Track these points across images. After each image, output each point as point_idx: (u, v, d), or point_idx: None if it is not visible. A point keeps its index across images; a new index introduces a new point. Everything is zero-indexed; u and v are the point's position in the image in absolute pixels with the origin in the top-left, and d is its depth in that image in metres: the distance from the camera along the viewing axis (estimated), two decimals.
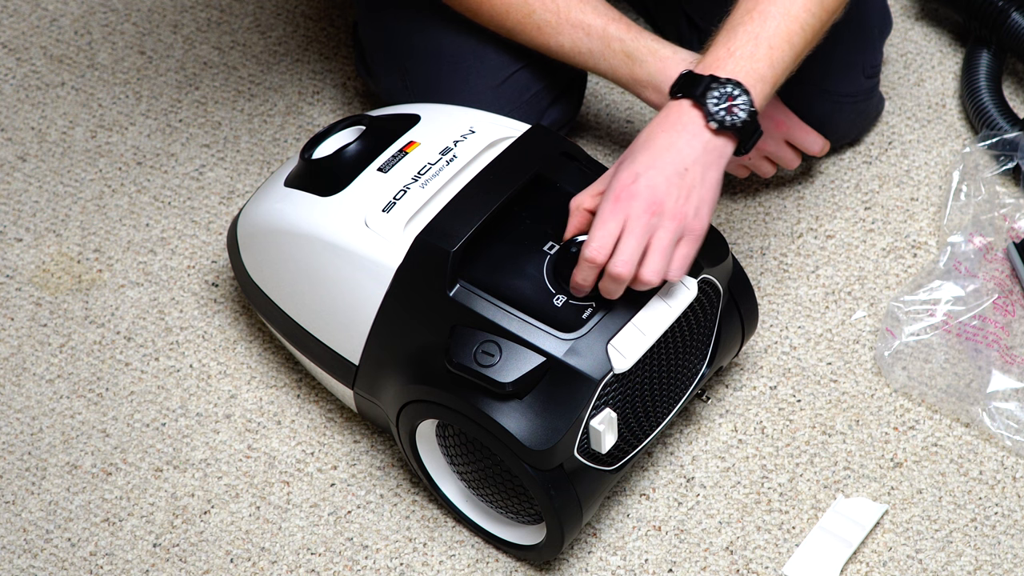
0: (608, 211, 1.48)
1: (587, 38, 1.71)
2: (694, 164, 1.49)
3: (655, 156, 1.48)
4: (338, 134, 1.65)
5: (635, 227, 1.47)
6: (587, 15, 1.70)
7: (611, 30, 1.71)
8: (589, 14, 1.70)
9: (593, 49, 1.71)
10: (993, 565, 1.62)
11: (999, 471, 1.68)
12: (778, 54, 1.54)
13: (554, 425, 1.48)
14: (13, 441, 1.71)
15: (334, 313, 1.59)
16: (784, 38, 1.54)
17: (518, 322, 1.49)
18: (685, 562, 1.62)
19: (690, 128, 1.50)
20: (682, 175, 1.48)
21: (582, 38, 1.71)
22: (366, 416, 1.67)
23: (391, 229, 1.54)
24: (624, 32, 1.71)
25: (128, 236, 1.86)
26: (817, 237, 1.84)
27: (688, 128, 1.50)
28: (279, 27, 2.05)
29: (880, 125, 1.93)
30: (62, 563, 1.63)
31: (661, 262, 1.48)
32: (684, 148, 1.49)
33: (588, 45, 1.71)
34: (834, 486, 1.67)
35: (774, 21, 1.54)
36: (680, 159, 1.49)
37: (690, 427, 1.71)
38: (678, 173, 1.48)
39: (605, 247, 1.47)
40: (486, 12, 1.73)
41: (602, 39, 1.71)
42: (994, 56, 1.93)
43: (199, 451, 1.70)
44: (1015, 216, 1.83)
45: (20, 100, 1.99)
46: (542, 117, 1.79)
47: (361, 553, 1.64)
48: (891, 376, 1.73)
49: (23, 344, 1.78)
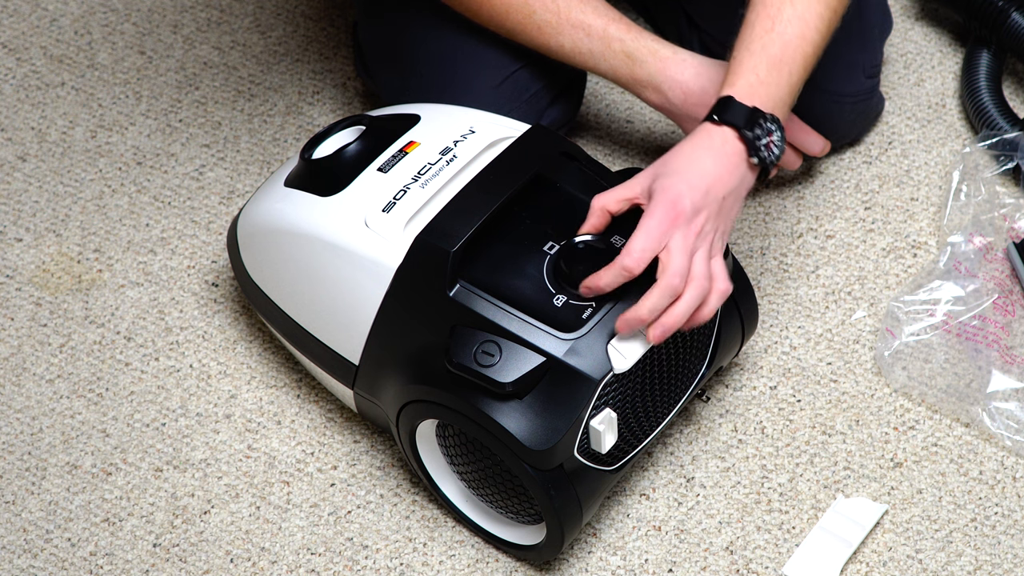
0: (655, 225, 1.48)
1: (587, 39, 1.71)
2: (730, 194, 1.52)
3: (699, 179, 1.50)
4: (338, 134, 1.65)
5: (681, 244, 1.48)
6: (587, 16, 1.71)
7: (611, 31, 1.71)
8: (589, 15, 1.71)
9: (593, 50, 1.71)
10: (993, 565, 1.62)
11: (999, 471, 1.68)
12: (796, 79, 1.57)
13: (554, 425, 1.48)
14: (13, 441, 1.71)
15: (334, 313, 1.59)
16: (801, 64, 1.57)
17: (518, 322, 1.49)
18: (685, 562, 1.62)
19: (733, 159, 1.52)
20: (720, 203, 1.51)
21: (582, 39, 1.71)
22: (366, 416, 1.67)
23: (391, 229, 1.54)
24: (624, 32, 1.71)
25: (128, 236, 1.86)
26: (817, 237, 1.84)
27: (731, 159, 1.52)
28: (279, 27, 2.05)
29: (880, 125, 1.93)
30: (62, 563, 1.63)
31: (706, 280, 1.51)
32: (725, 177, 1.51)
33: (588, 46, 1.71)
34: (834, 486, 1.67)
35: (792, 42, 1.56)
36: (722, 187, 1.51)
37: (690, 427, 1.71)
38: (717, 201, 1.51)
39: (645, 258, 1.48)
40: (486, 13, 1.73)
41: (602, 40, 1.71)
42: (994, 56, 1.93)
43: (199, 451, 1.70)
44: (1015, 216, 1.83)
45: (20, 100, 1.99)
46: (542, 117, 1.79)
47: (361, 553, 1.64)
48: (891, 376, 1.73)
49: (23, 344, 1.78)
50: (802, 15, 1.57)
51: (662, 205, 1.48)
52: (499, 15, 1.72)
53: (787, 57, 1.56)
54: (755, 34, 1.56)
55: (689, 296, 1.49)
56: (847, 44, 1.77)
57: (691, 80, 1.72)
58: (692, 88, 1.72)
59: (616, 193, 1.53)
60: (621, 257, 1.48)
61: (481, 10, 1.73)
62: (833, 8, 1.60)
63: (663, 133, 1.93)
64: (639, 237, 1.48)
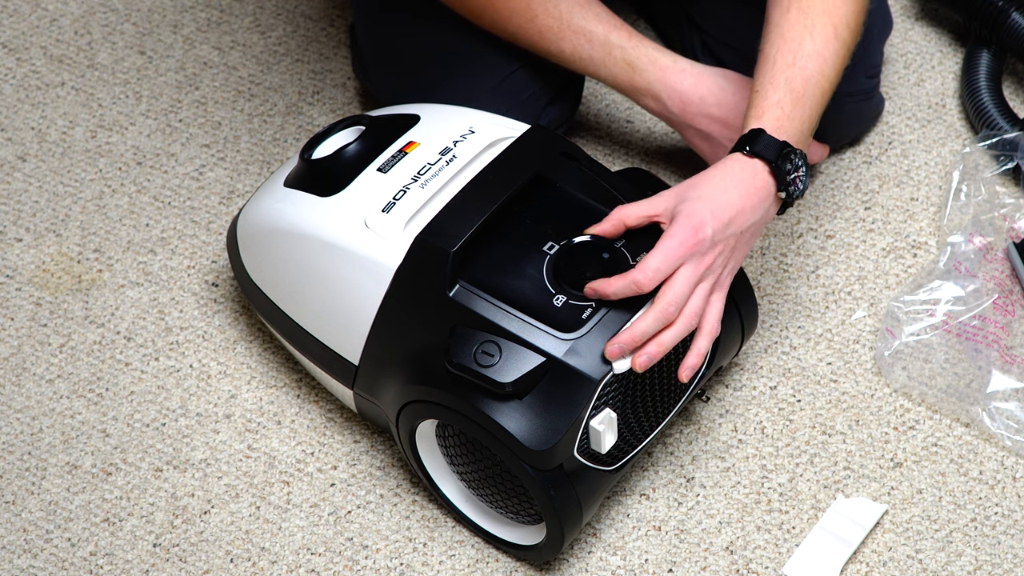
0: (673, 247, 1.48)
1: (588, 45, 1.71)
2: (751, 227, 1.54)
3: (724, 209, 1.51)
4: (338, 134, 1.65)
5: (688, 274, 1.49)
6: (589, 22, 1.71)
7: (612, 38, 1.71)
8: (591, 21, 1.71)
9: (594, 56, 1.72)
10: (993, 565, 1.62)
11: (999, 471, 1.68)
12: (815, 115, 1.59)
13: (554, 425, 1.48)
14: (13, 441, 1.71)
15: (334, 313, 1.59)
16: (820, 100, 1.59)
17: (518, 322, 1.50)
18: (685, 562, 1.62)
19: (761, 193, 1.53)
20: (739, 237, 1.53)
21: (583, 45, 1.71)
22: (366, 416, 1.67)
23: (391, 229, 1.54)
24: (625, 40, 1.71)
25: (128, 236, 1.86)
26: (817, 237, 1.84)
27: (759, 193, 1.53)
28: (279, 27, 2.05)
29: (880, 125, 1.93)
30: (62, 563, 1.63)
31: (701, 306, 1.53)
32: (749, 211, 1.53)
33: (589, 52, 1.72)
34: (834, 486, 1.67)
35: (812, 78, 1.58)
36: (744, 221, 1.52)
37: (690, 427, 1.71)
38: (735, 235, 1.52)
39: (658, 279, 1.49)
40: (488, 16, 1.73)
41: (603, 46, 1.71)
42: (994, 56, 1.93)
43: (199, 451, 1.70)
44: (1015, 216, 1.83)
45: (20, 100, 1.99)
46: (540, 116, 1.79)
47: (361, 553, 1.64)
48: (891, 376, 1.73)
49: (23, 344, 1.78)
50: (820, 51, 1.58)
51: (684, 229, 1.49)
52: (501, 19, 1.72)
53: (808, 93, 1.57)
54: (777, 68, 1.57)
55: (677, 328, 1.50)
56: None
57: (690, 89, 1.73)
58: (691, 97, 1.73)
59: (639, 209, 1.53)
60: (635, 272, 1.48)
61: (483, 13, 1.73)
62: (848, 46, 1.62)
63: (663, 133, 1.93)
64: (656, 256, 1.48)
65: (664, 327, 1.49)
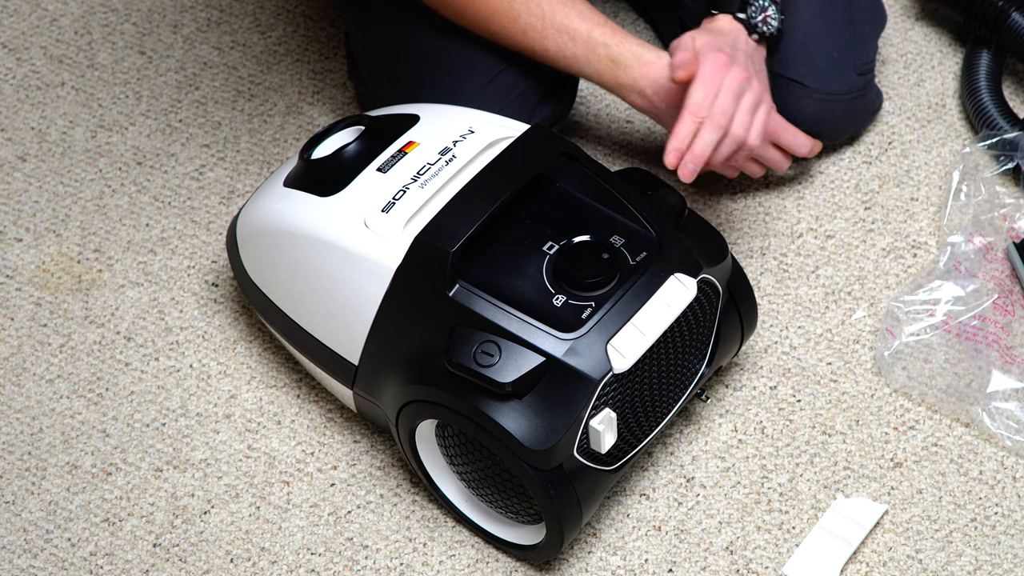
0: (709, 73, 1.63)
1: (572, 43, 1.71)
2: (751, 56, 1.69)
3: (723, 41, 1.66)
4: (337, 134, 1.65)
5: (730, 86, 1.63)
6: (572, 20, 1.71)
7: (595, 35, 1.71)
8: (574, 19, 1.71)
9: (578, 54, 1.72)
10: (993, 565, 1.62)
11: (999, 471, 1.68)
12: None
13: (554, 425, 1.48)
14: (13, 441, 1.71)
15: (333, 313, 1.60)
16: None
17: (518, 322, 1.50)
18: (685, 562, 1.62)
19: (740, 36, 1.69)
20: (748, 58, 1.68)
21: (567, 43, 1.71)
22: (366, 416, 1.68)
23: (390, 229, 1.54)
24: (609, 37, 1.71)
25: (128, 236, 1.86)
26: (817, 237, 1.84)
27: (737, 36, 1.69)
28: (279, 27, 2.05)
29: (880, 125, 1.93)
30: (62, 563, 1.63)
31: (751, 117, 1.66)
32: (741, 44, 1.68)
33: (573, 50, 1.72)
34: (834, 486, 1.67)
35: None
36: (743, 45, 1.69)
37: (690, 427, 1.71)
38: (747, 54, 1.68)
39: (708, 104, 1.62)
40: (471, 16, 1.73)
41: (587, 44, 1.71)
42: (994, 56, 1.93)
43: (199, 451, 1.70)
44: (1015, 216, 1.83)
45: (20, 100, 1.99)
46: (532, 114, 1.79)
47: (361, 553, 1.64)
48: (891, 376, 1.73)
49: (23, 344, 1.78)
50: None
51: (710, 55, 1.63)
52: (484, 19, 1.72)
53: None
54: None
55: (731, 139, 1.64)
56: (835, 41, 1.77)
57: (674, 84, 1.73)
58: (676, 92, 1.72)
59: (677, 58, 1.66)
60: (686, 110, 1.61)
61: (466, 13, 1.73)
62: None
63: (663, 133, 1.93)
64: (697, 86, 1.63)
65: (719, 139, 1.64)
